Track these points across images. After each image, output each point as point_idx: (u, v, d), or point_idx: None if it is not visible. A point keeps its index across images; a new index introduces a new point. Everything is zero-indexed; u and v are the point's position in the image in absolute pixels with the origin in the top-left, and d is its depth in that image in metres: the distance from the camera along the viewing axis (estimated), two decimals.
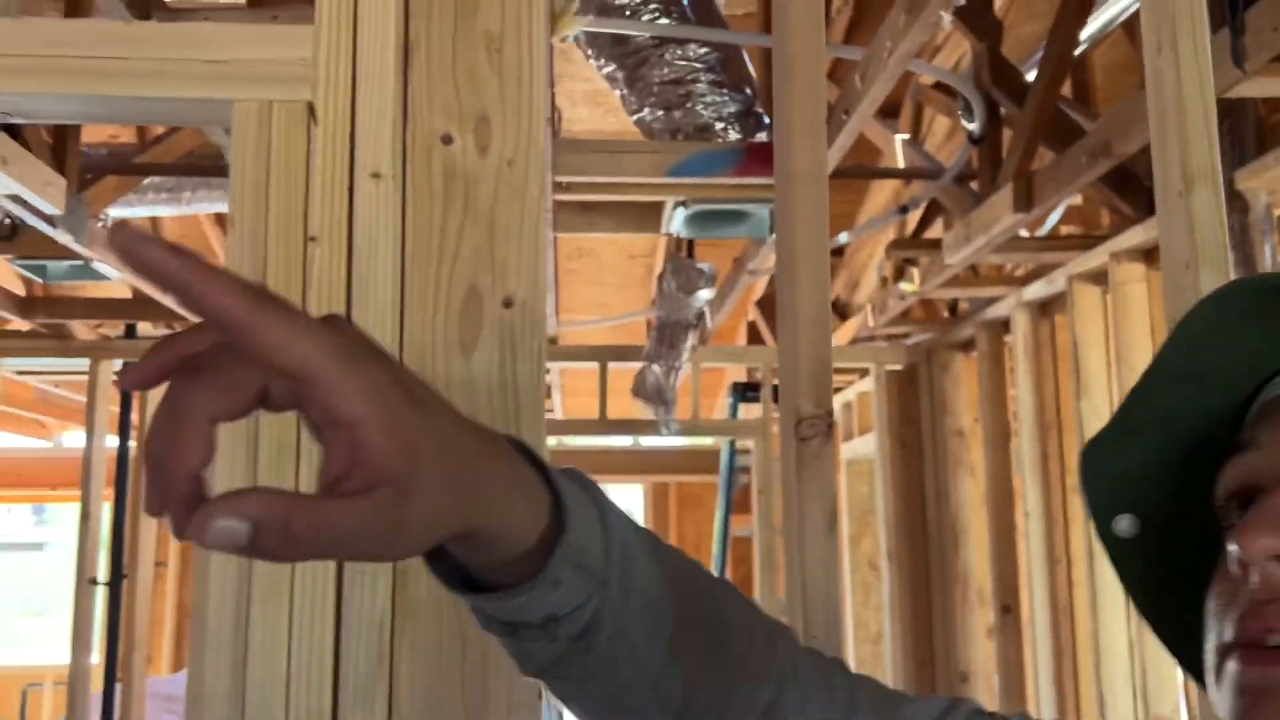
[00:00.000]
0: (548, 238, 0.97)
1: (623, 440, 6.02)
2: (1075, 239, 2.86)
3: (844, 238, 3.45)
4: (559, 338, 4.76)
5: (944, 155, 3.25)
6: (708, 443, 5.85)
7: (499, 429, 0.91)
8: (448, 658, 0.87)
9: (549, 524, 0.48)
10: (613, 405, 4.32)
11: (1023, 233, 2.75)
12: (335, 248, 0.92)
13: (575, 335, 5.18)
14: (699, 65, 2.13)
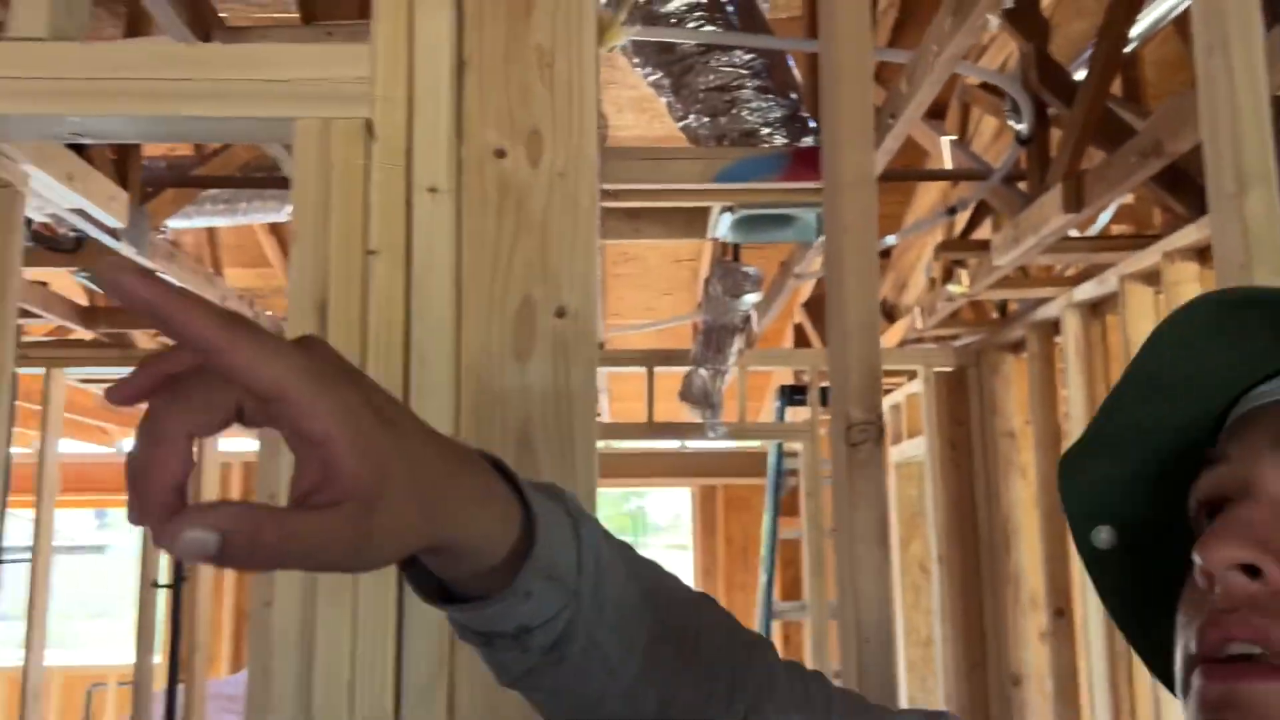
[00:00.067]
0: (596, 245, 0.99)
1: (670, 443, 6.02)
2: (1127, 239, 2.82)
3: (891, 240, 3.44)
4: (606, 342, 4.79)
5: (991, 155, 3.22)
6: (755, 445, 5.84)
7: (552, 435, 0.94)
8: None
9: (520, 537, 0.49)
10: (660, 408, 4.33)
11: (1073, 233, 2.72)
12: (394, 261, 0.94)
13: (622, 339, 5.20)
14: (744, 71, 2.14)
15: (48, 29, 1.01)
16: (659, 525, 15.13)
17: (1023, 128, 2.53)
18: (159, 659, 3.83)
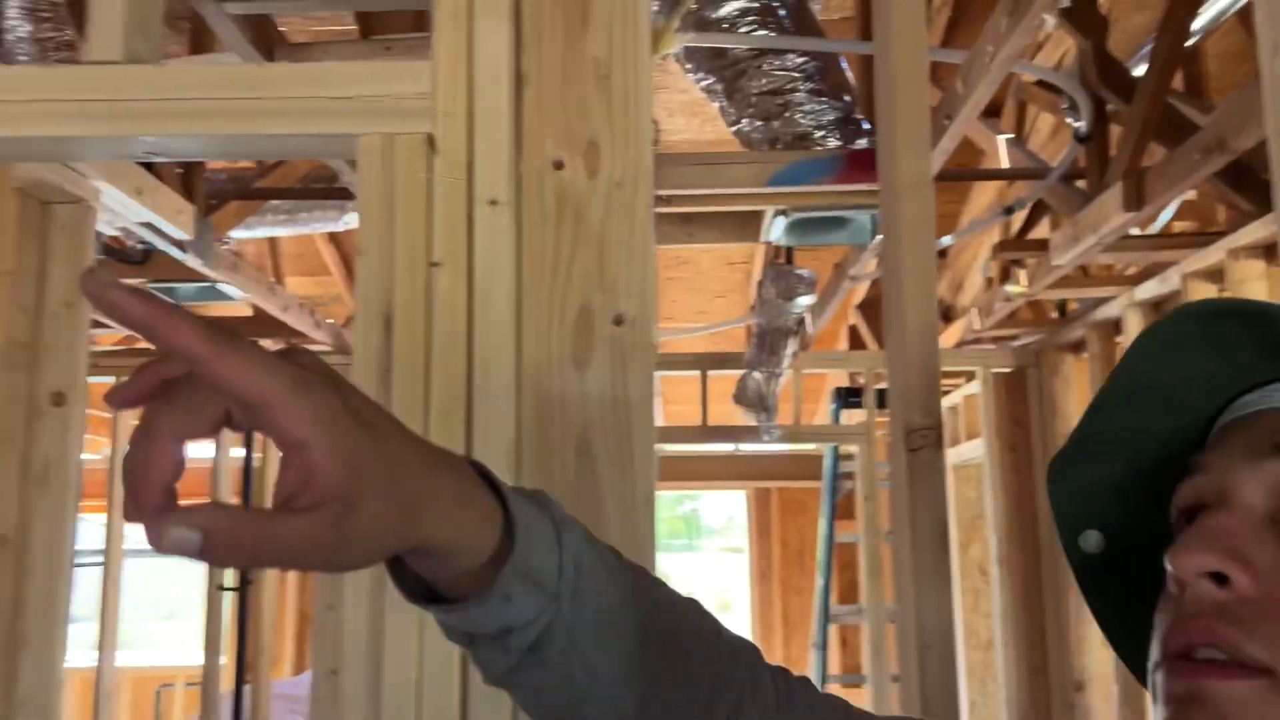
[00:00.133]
0: (653, 253, 1.00)
1: (724, 446, 6.01)
2: (1190, 236, 2.77)
3: (947, 240, 3.41)
4: (659, 345, 4.80)
5: (1048, 153, 3.18)
6: (810, 448, 5.81)
7: (612, 441, 0.95)
8: None
9: (502, 541, 0.51)
10: (713, 411, 4.33)
11: (1134, 231, 2.68)
12: (457, 272, 0.96)
13: (675, 343, 5.21)
14: (797, 75, 2.14)
15: (123, 53, 1.05)
16: (712, 528, 15.10)
17: (1081, 125, 2.49)
18: (224, 660, 3.92)
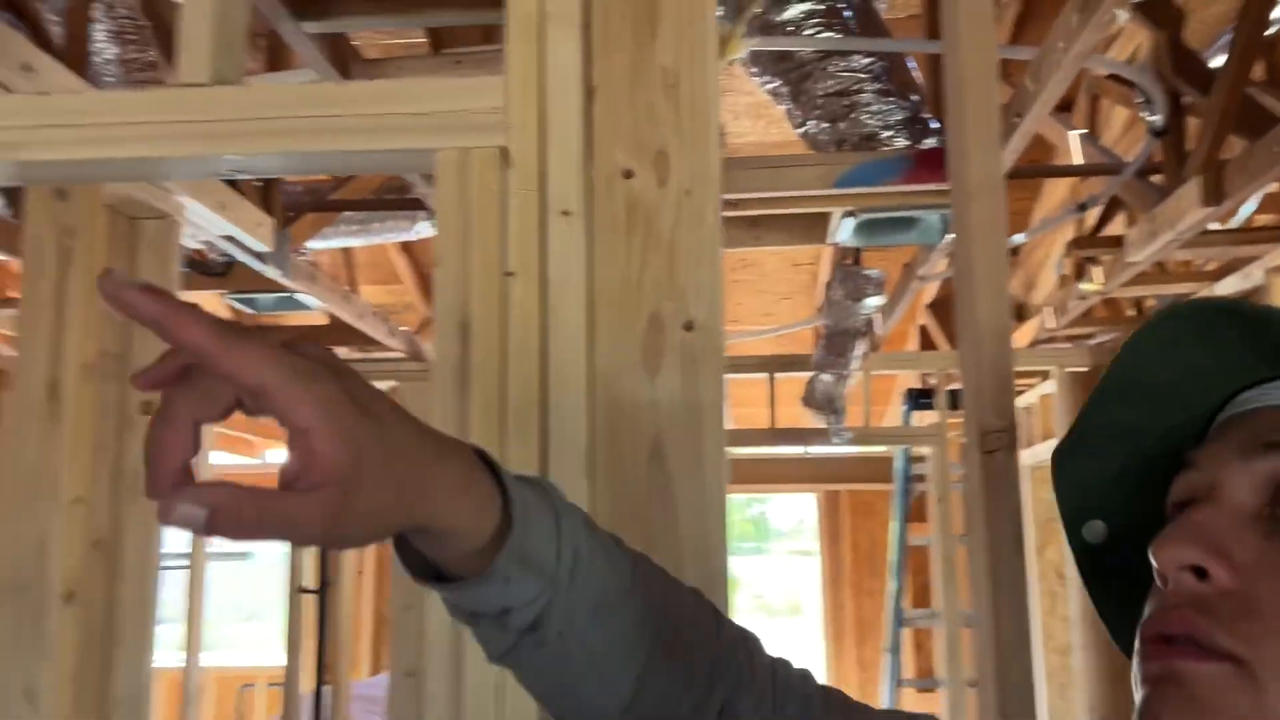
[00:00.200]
0: (721, 259, 1.01)
1: (792, 449, 5.99)
2: (1272, 230, 2.70)
3: (1019, 238, 3.35)
4: (726, 349, 4.79)
5: (1122, 147, 3.12)
6: (880, 450, 5.76)
7: (683, 446, 0.96)
8: None
9: (501, 524, 0.53)
10: (781, 414, 4.32)
11: (1214, 225, 2.61)
12: (530, 281, 0.99)
13: (742, 345, 5.20)
14: (863, 75, 2.13)
15: (210, 75, 1.09)
16: (781, 531, 15.01)
17: (1156, 119, 2.44)
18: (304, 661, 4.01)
